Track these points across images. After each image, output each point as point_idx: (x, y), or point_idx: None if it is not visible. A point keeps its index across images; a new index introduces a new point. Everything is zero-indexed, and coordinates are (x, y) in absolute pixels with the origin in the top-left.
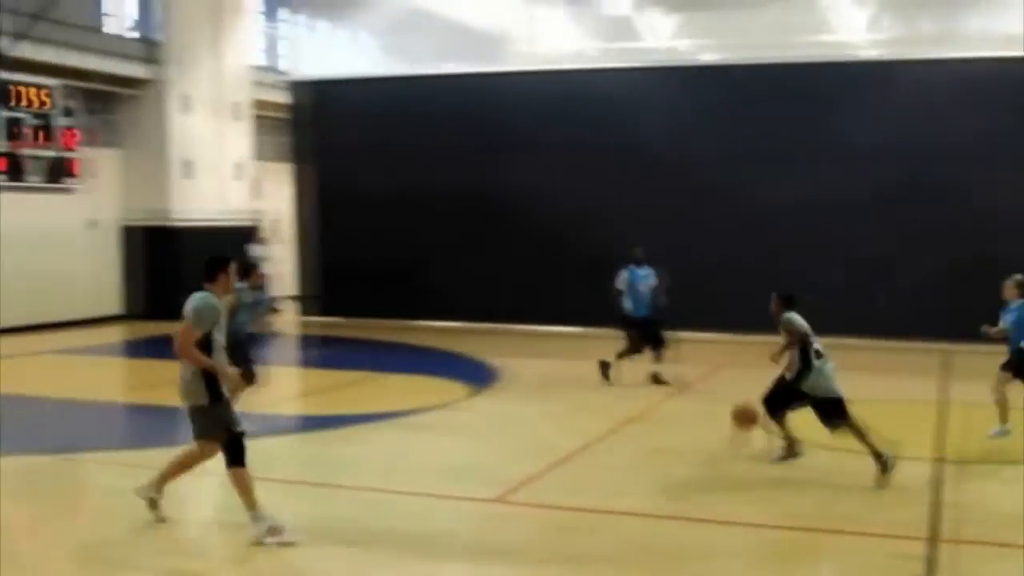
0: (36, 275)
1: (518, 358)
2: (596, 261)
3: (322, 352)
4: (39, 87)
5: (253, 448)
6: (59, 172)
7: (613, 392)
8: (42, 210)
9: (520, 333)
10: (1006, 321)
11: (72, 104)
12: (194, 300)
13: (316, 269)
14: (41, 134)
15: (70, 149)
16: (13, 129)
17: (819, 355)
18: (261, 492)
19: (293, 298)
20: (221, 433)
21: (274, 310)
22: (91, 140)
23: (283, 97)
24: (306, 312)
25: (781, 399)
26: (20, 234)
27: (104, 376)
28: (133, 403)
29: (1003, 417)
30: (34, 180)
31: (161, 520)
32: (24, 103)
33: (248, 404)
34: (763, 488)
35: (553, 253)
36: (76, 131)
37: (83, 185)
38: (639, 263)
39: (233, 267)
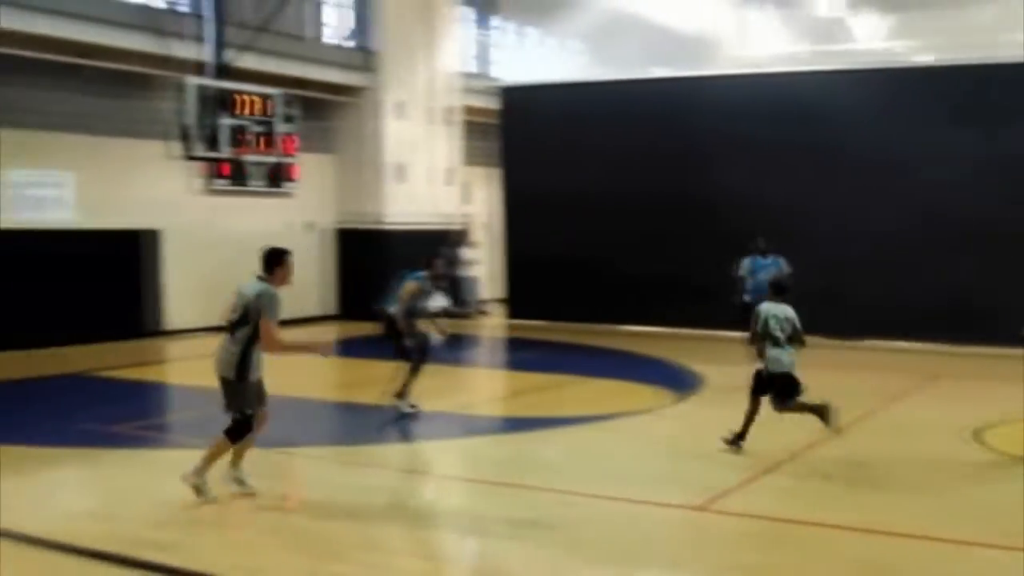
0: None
1: (718, 364)
2: (803, 267)
3: (523, 354)
4: (261, 96)
5: (454, 447)
6: (278, 177)
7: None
8: (262, 213)
9: (714, 339)
10: None
11: (291, 111)
12: (264, 297)
13: (512, 272)
14: (262, 141)
15: (289, 155)
16: (237, 136)
17: (776, 342)
18: (461, 492)
19: (497, 301)
20: (235, 410)
21: (481, 312)
22: (308, 146)
23: (492, 102)
24: (511, 315)
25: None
26: (242, 236)
27: (317, 373)
28: (344, 400)
29: None
30: (255, 184)
31: (210, 501)
32: (247, 111)
33: (448, 405)
34: (984, 503)
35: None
36: (294, 137)
37: (301, 189)
38: (763, 253)
39: (289, 260)
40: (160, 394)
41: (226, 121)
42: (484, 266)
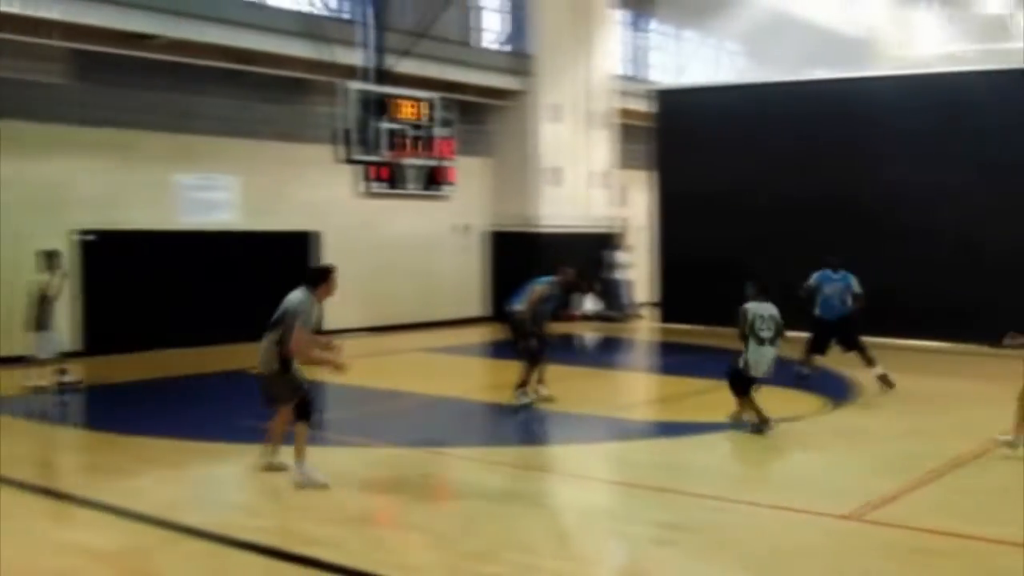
0: (413, 277)
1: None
2: (959, 271)
3: (676, 358)
4: (419, 100)
5: (604, 451)
6: (435, 180)
7: (987, 410)
8: (418, 216)
9: (876, 347)
10: None
11: (448, 115)
12: (302, 304)
13: (667, 275)
14: (419, 144)
15: (444, 158)
16: (395, 140)
17: (762, 341)
18: (611, 495)
19: (650, 304)
20: (292, 396)
21: (635, 316)
22: (464, 149)
23: (647, 105)
24: (664, 318)
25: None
26: (399, 238)
27: (467, 375)
28: (494, 402)
29: None
30: (412, 187)
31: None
32: (405, 115)
33: (600, 408)
34: None
35: (915, 262)
36: (451, 141)
37: (456, 192)
38: (835, 268)
39: (334, 277)
40: (318, 392)
41: (384, 125)
42: (638, 269)
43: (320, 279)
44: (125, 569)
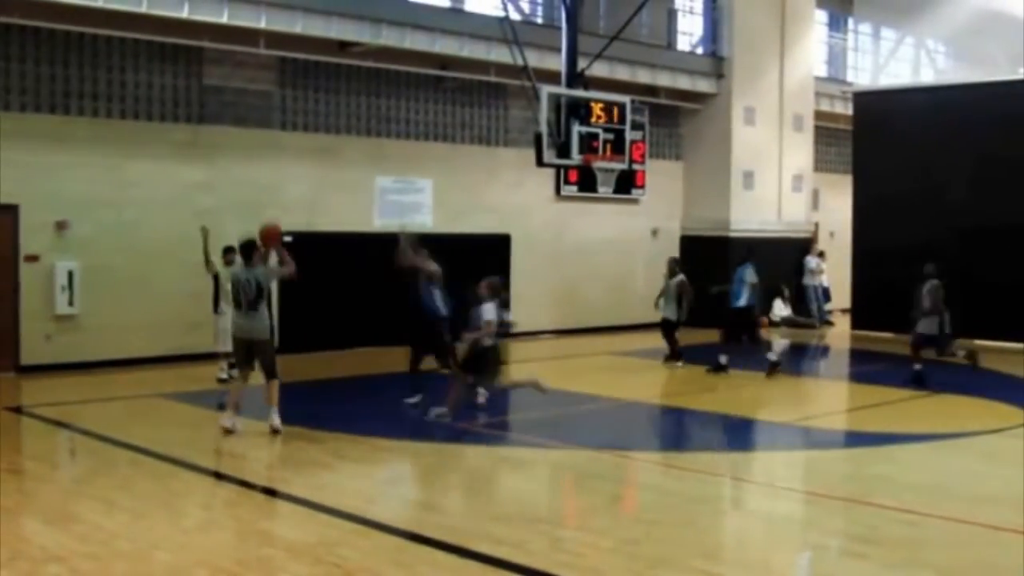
0: (603, 280)
1: None
2: None
3: (868, 367)
4: (612, 103)
5: (793, 459)
6: (626, 183)
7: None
8: (608, 219)
9: None
10: None
11: (640, 118)
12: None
13: (859, 281)
14: (610, 147)
15: (637, 161)
16: (588, 143)
17: None
18: (799, 504)
19: (842, 311)
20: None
21: (827, 322)
22: (656, 152)
23: (844, 107)
24: (856, 325)
25: None
26: (588, 241)
27: (656, 379)
28: (681, 406)
29: None
30: (603, 191)
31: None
32: (598, 119)
33: (790, 416)
34: None
35: None
36: (642, 144)
37: (647, 195)
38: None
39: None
40: (506, 392)
41: (577, 128)
42: (835, 274)
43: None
44: (317, 561)
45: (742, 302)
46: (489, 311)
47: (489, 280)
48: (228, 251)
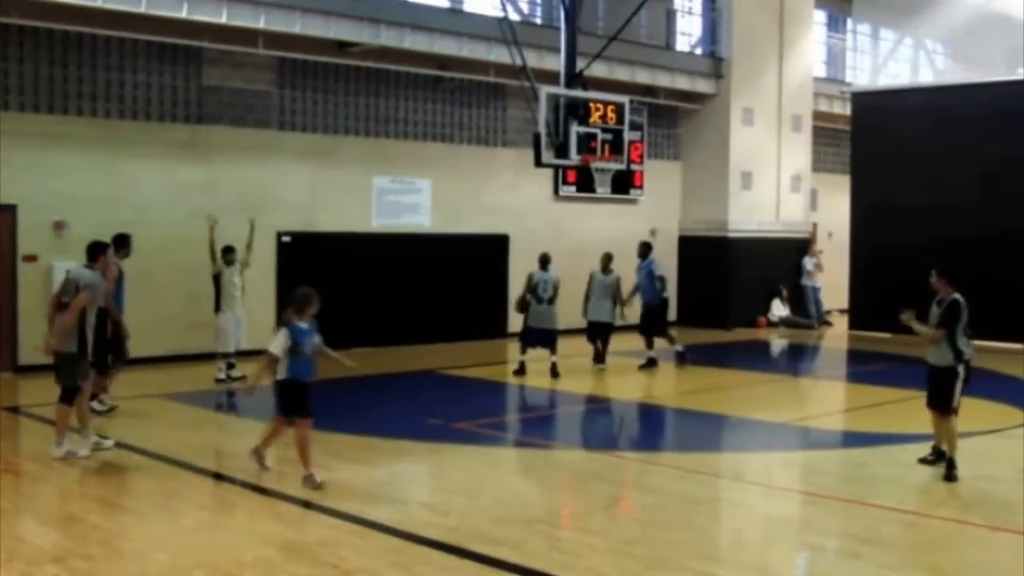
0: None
1: None
2: None
3: (865, 367)
4: (610, 104)
5: (791, 459)
6: (624, 183)
7: None
8: (606, 219)
9: None
10: None
11: (638, 119)
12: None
13: (857, 281)
14: (608, 148)
15: (635, 162)
16: (586, 143)
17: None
18: (796, 505)
19: (840, 311)
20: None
21: (824, 323)
22: (654, 152)
23: (842, 108)
24: (854, 325)
25: None
26: (586, 241)
27: (656, 380)
28: (678, 407)
29: None
30: (601, 191)
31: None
32: (596, 119)
33: (787, 416)
34: None
35: None
36: (640, 145)
37: (645, 196)
38: None
39: (110, 252)
40: (504, 393)
41: (576, 129)
42: (833, 275)
43: (97, 254)
44: (316, 561)
45: (660, 296)
46: None
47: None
48: (228, 251)
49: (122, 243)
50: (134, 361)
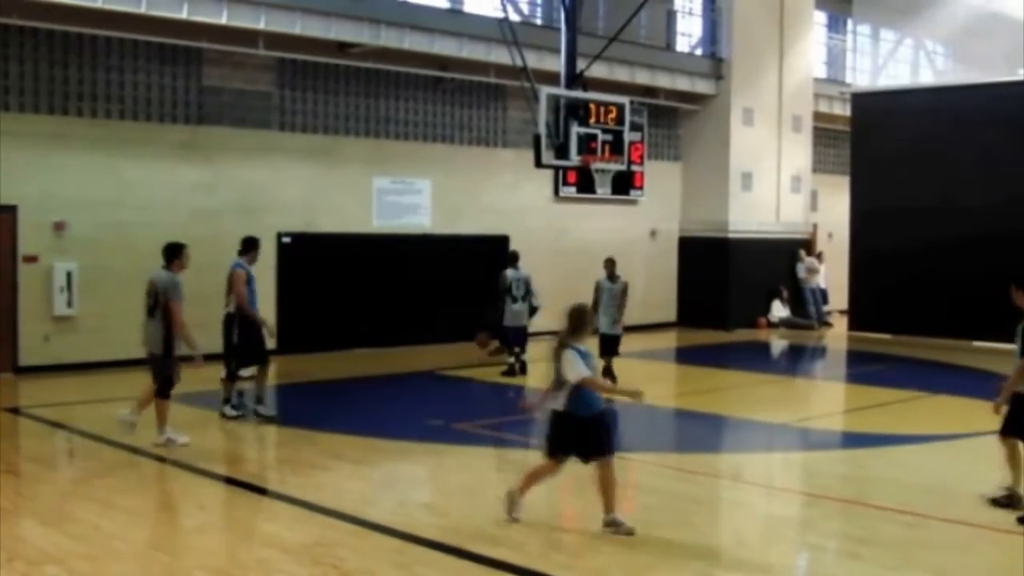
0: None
1: None
2: None
3: (866, 368)
4: (611, 104)
5: (791, 460)
6: (624, 184)
7: None
8: (607, 220)
9: None
10: None
11: (639, 120)
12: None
13: (858, 282)
14: (608, 148)
15: (635, 163)
16: (586, 144)
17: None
18: (797, 505)
19: (840, 312)
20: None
21: (825, 323)
22: (655, 153)
23: (842, 108)
24: (854, 326)
25: None
26: (586, 242)
27: (655, 380)
28: (678, 408)
29: None
30: (601, 192)
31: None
32: (596, 120)
33: (787, 417)
34: None
35: None
36: (641, 145)
37: (646, 196)
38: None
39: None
40: (504, 394)
41: (576, 129)
42: (834, 275)
43: (174, 256)
44: (315, 562)
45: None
46: None
47: None
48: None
49: (251, 246)
50: (134, 361)
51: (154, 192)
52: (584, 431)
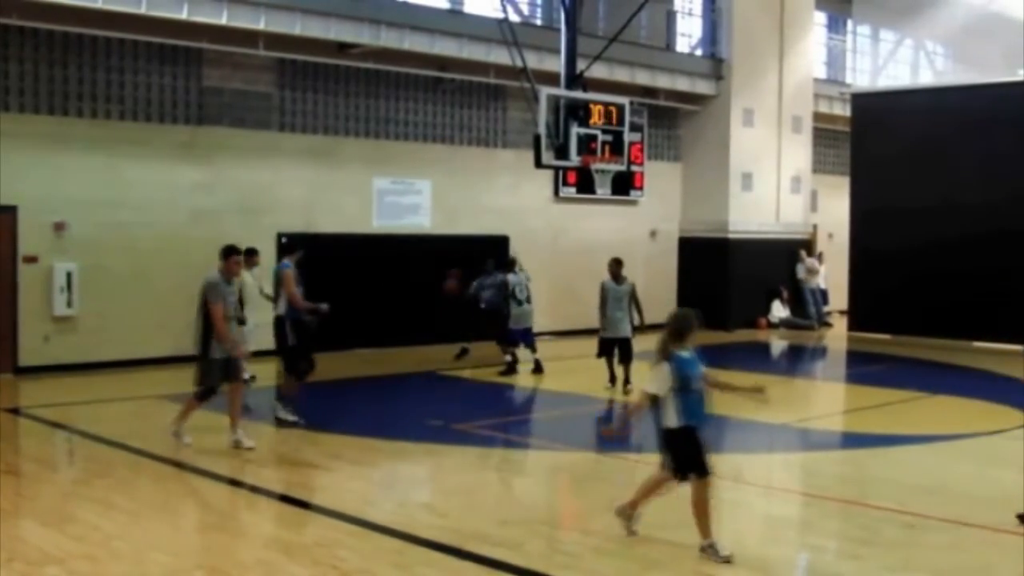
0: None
1: None
2: None
3: (866, 368)
4: (611, 105)
5: (791, 461)
6: (624, 185)
7: None
8: (606, 220)
9: None
10: None
11: (639, 120)
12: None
13: (857, 283)
14: (608, 149)
15: (635, 163)
16: (586, 145)
17: None
18: (797, 506)
19: (840, 312)
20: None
21: (825, 324)
22: (655, 153)
23: (842, 109)
24: (854, 327)
25: None
26: (588, 243)
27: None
28: None
29: None
30: (601, 192)
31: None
32: (596, 120)
33: (787, 417)
34: None
35: None
36: (641, 146)
37: (646, 197)
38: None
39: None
40: (504, 394)
41: (576, 130)
42: (834, 276)
43: (226, 258)
44: (315, 562)
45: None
46: None
47: None
48: (251, 252)
49: (296, 245)
50: (134, 362)
51: (154, 192)
52: (693, 444)
